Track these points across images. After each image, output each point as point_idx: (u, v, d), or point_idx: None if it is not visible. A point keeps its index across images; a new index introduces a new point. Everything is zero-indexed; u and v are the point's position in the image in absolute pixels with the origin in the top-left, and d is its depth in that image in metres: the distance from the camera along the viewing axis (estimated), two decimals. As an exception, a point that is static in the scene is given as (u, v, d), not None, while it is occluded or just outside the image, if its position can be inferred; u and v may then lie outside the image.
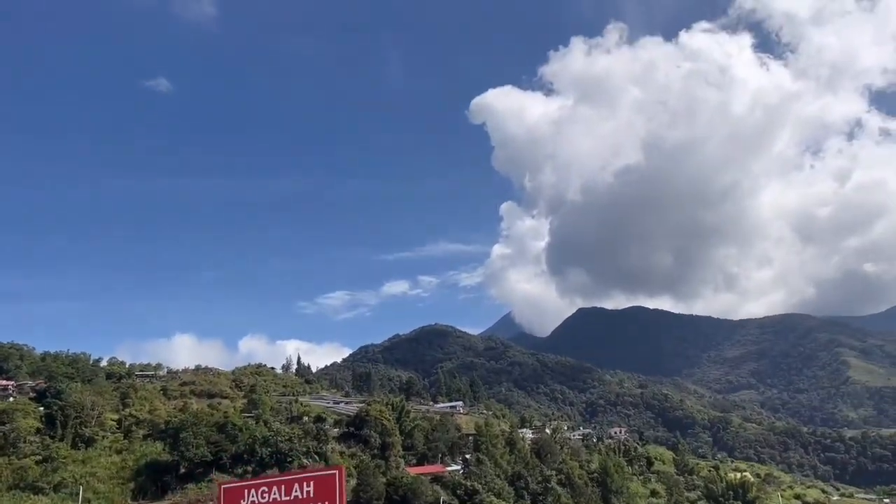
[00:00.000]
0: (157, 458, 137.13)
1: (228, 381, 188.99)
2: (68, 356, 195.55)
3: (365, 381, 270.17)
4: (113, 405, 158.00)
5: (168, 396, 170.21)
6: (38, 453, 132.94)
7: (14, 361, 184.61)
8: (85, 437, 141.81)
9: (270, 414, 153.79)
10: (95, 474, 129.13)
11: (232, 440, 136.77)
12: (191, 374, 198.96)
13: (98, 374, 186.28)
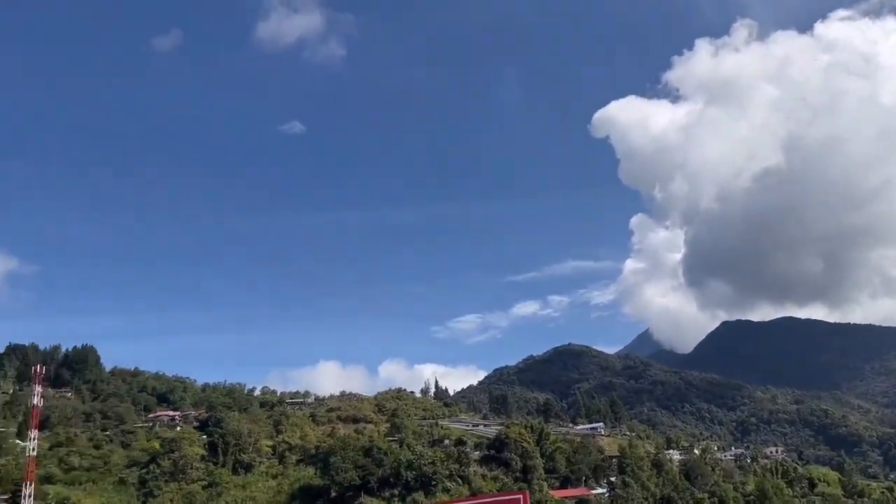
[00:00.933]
0: (309, 483, 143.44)
1: (371, 406, 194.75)
2: (225, 387, 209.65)
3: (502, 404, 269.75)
4: (267, 432, 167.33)
5: (316, 422, 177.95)
6: (204, 479, 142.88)
7: (179, 393, 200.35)
8: (244, 462, 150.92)
9: (413, 437, 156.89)
10: (255, 498, 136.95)
11: (378, 464, 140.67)
12: (336, 399, 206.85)
13: (252, 402, 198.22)
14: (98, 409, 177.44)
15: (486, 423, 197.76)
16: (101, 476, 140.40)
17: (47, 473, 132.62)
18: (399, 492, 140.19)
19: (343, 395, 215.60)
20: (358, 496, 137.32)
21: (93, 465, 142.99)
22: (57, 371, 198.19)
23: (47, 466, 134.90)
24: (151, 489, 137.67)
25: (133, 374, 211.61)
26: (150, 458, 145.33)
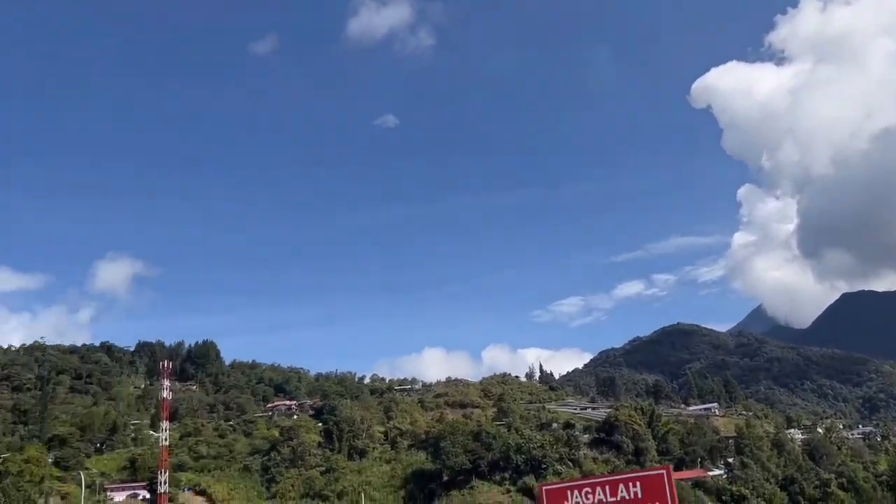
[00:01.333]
0: (421, 467, 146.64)
1: (477, 391, 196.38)
2: (337, 376, 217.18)
3: (609, 386, 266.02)
4: (378, 418, 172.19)
5: (425, 408, 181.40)
6: (322, 465, 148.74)
7: (294, 383, 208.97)
8: (358, 448, 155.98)
9: (520, 421, 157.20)
10: (370, 483, 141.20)
11: (487, 448, 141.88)
12: (443, 385, 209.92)
13: (363, 390, 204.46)
14: (221, 401, 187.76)
15: (594, 405, 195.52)
16: (227, 464, 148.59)
17: (179, 462, 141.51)
18: (510, 475, 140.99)
19: (449, 381, 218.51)
20: (469, 480, 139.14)
21: (219, 454, 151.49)
22: (182, 366, 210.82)
23: (179, 455, 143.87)
24: (273, 475, 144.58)
25: (251, 367, 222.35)
26: (270, 446, 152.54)
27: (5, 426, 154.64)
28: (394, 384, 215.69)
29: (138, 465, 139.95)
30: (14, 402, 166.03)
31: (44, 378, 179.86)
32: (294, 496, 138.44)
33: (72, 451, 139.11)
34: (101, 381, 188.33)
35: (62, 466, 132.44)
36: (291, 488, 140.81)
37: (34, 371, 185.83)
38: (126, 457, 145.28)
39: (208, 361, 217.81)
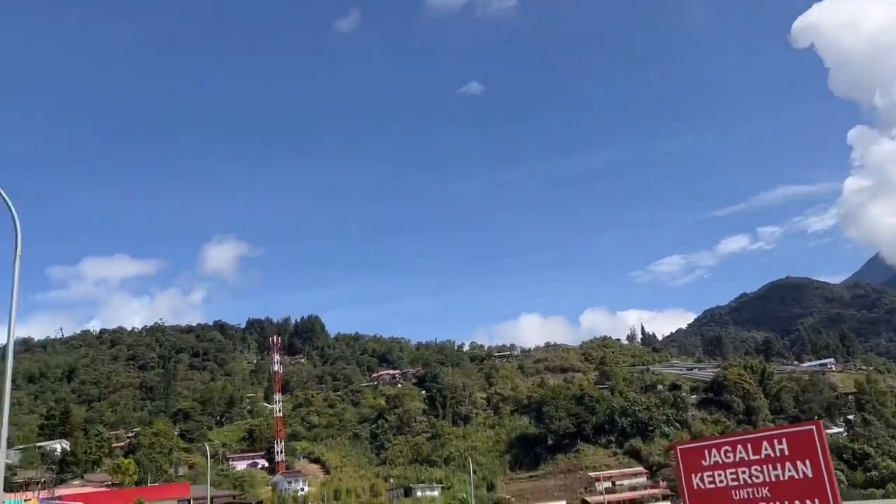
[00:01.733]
0: (525, 432, 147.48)
1: (578, 355, 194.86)
2: (437, 344, 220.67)
3: (716, 345, 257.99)
4: (480, 385, 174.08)
5: (525, 373, 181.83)
6: (427, 431, 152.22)
7: (396, 353, 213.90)
8: (462, 415, 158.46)
9: (624, 384, 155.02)
10: (476, 448, 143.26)
11: (591, 411, 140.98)
12: (542, 351, 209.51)
13: (463, 357, 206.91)
14: (328, 372, 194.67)
15: (701, 366, 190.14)
16: (338, 432, 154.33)
17: (293, 431, 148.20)
18: (615, 438, 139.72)
19: (548, 346, 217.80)
20: (574, 443, 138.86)
21: (330, 423, 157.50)
22: (289, 340, 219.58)
23: (293, 425, 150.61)
24: (382, 442, 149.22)
25: (354, 339, 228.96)
26: (377, 414, 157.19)
27: (134, 402, 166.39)
28: (493, 351, 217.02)
29: (256, 435, 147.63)
30: (141, 380, 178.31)
31: (165, 357, 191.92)
32: (403, 462, 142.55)
33: (195, 423, 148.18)
34: (217, 358, 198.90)
35: (187, 438, 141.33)
36: (400, 454, 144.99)
37: (156, 350, 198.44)
38: (244, 428, 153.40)
39: (314, 335, 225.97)
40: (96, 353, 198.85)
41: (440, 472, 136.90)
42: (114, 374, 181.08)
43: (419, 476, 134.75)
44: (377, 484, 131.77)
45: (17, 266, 14.35)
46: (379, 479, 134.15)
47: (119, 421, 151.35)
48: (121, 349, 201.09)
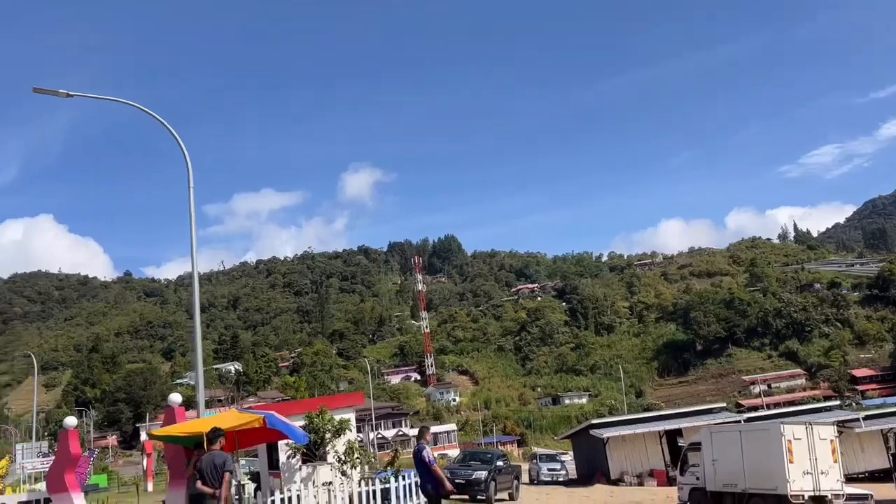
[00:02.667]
0: (672, 338, 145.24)
1: (724, 259, 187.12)
2: (574, 256, 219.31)
3: (879, 238, 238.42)
4: (621, 294, 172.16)
5: (669, 280, 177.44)
6: (570, 342, 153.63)
7: (533, 267, 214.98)
8: (605, 324, 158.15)
9: (777, 285, 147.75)
10: (621, 356, 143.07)
11: (742, 315, 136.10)
12: (685, 256, 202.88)
13: (602, 268, 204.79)
14: (468, 289, 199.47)
15: (863, 261, 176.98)
16: (483, 345, 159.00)
17: (441, 346, 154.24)
18: (770, 340, 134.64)
19: (692, 251, 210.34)
20: (725, 348, 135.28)
21: (474, 337, 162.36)
22: (429, 260, 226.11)
23: (439, 340, 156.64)
24: (526, 353, 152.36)
25: (491, 255, 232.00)
26: (520, 327, 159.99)
27: (293, 325, 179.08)
28: (633, 259, 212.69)
29: (406, 351, 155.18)
30: (297, 305, 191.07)
31: (317, 282, 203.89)
32: (548, 371, 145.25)
33: (349, 342, 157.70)
34: (364, 281, 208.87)
35: (344, 356, 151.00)
36: (545, 364, 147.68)
37: (308, 277, 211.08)
38: (394, 345, 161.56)
39: (452, 254, 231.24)
40: (255, 283, 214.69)
41: (586, 381, 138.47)
42: (272, 301, 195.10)
43: (566, 385, 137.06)
44: (525, 393, 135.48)
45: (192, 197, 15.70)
46: (526, 389, 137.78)
47: (282, 343, 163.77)
48: (276, 278, 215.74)
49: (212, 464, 9.27)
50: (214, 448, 9.63)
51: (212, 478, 9.07)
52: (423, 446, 11.25)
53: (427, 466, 10.91)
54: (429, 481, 10.96)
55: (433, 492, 10.91)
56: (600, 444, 37.01)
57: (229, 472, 9.13)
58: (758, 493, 19.67)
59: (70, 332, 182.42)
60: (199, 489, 9.32)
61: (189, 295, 14.74)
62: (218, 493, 8.96)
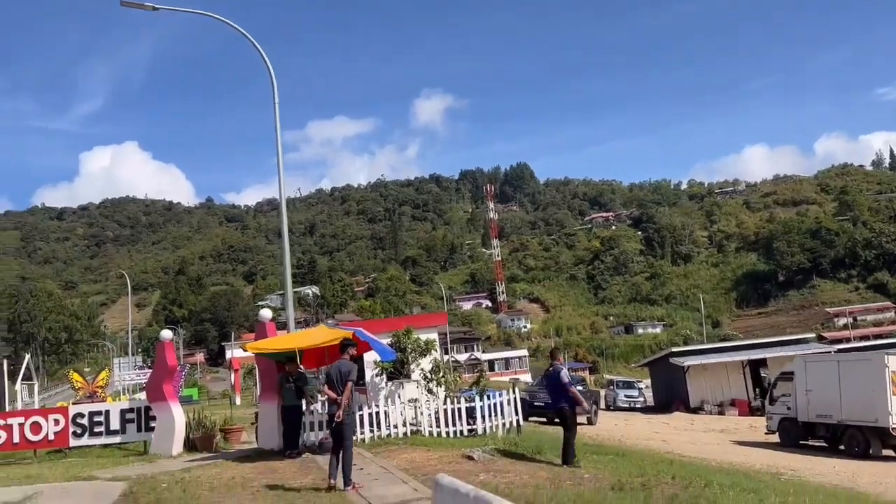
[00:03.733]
0: (753, 269, 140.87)
1: (812, 187, 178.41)
2: (651, 184, 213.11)
3: None
4: (700, 223, 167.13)
5: (751, 209, 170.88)
6: (645, 271, 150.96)
7: (608, 196, 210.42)
8: (682, 254, 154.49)
9: (869, 214, 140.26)
10: (698, 286, 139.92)
11: (828, 245, 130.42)
12: (770, 184, 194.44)
13: (680, 196, 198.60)
14: (540, 218, 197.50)
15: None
16: (555, 274, 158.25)
17: (511, 274, 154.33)
18: (858, 272, 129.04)
19: (777, 179, 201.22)
20: (809, 279, 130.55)
21: (546, 265, 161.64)
22: (500, 188, 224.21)
23: (510, 268, 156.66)
24: (599, 283, 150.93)
25: (564, 184, 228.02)
26: (593, 256, 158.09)
27: (367, 252, 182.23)
28: (713, 188, 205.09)
29: (477, 278, 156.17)
30: (371, 232, 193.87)
31: (390, 210, 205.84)
32: (621, 301, 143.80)
33: (422, 269, 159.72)
34: (436, 209, 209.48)
35: (417, 282, 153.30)
36: (618, 294, 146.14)
37: (381, 204, 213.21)
38: (465, 272, 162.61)
39: (524, 182, 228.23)
40: (330, 210, 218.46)
41: (661, 311, 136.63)
42: (347, 228, 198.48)
43: (639, 314, 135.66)
44: (597, 322, 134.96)
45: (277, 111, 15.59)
46: (598, 318, 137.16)
47: (357, 269, 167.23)
48: (350, 205, 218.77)
49: (339, 371, 9.81)
50: (344, 357, 10.13)
51: (338, 383, 9.69)
52: (561, 367, 11.61)
53: (565, 386, 11.23)
54: (565, 400, 11.30)
55: (569, 410, 11.31)
56: (680, 372, 36.49)
57: (352, 381, 9.77)
58: (854, 425, 18.93)
59: (157, 256, 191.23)
60: (325, 392, 10.04)
61: (277, 216, 14.70)
62: (340, 399, 9.56)
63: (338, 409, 9.48)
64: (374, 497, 8.82)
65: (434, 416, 15.20)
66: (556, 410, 11.60)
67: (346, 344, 10.59)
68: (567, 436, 11.14)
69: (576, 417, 11.76)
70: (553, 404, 11.74)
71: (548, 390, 12.46)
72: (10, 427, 15.63)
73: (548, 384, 12.14)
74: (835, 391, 19.35)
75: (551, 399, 11.90)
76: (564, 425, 11.34)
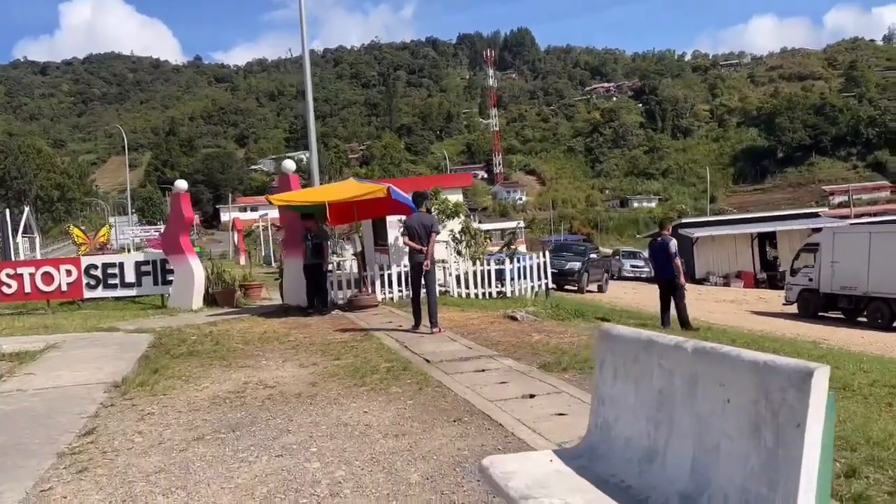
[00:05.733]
0: (753, 144, 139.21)
1: (820, 61, 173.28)
2: (655, 54, 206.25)
3: None
4: (702, 97, 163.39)
5: (755, 83, 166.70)
6: (644, 145, 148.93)
7: (610, 65, 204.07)
8: (682, 128, 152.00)
9: (875, 91, 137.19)
10: (696, 161, 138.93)
11: (832, 122, 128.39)
12: (776, 58, 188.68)
13: (684, 68, 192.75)
14: (539, 87, 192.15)
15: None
16: (552, 146, 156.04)
17: (509, 145, 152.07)
18: (858, 150, 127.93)
19: (784, 52, 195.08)
20: (808, 156, 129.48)
21: (544, 137, 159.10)
22: (500, 55, 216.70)
23: (508, 139, 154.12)
24: (597, 156, 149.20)
25: (565, 51, 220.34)
26: (592, 128, 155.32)
27: (361, 118, 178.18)
28: (718, 60, 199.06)
29: (474, 149, 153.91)
30: (365, 97, 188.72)
31: (384, 74, 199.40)
32: (618, 174, 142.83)
33: (417, 137, 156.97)
34: (432, 74, 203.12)
35: (412, 151, 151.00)
36: (615, 167, 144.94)
37: (375, 68, 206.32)
38: (462, 142, 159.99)
39: (524, 48, 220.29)
40: (323, 72, 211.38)
41: (657, 185, 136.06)
42: (340, 92, 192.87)
43: (635, 188, 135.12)
44: (592, 195, 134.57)
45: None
46: (594, 191, 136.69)
47: (351, 135, 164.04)
48: (343, 68, 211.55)
49: (420, 224, 10.11)
50: (422, 210, 10.47)
51: (420, 236, 10.00)
52: (669, 238, 11.98)
53: (671, 257, 11.67)
54: (669, 271, 11.74)
55: (675, 281, 11.74)
56: (688, 243, 36.23)
57: (436, 232, 10.17)
58: (880, 297, 18.70)
59: (147, 115, 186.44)
60: (408, 244, 10.28)
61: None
62: (426, 251, 9.97)
63: (424, 259, 9.93)
64: (428, 353, 8.33)
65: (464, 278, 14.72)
66: (665, 280, 11.93)
67: (423, 197, 10.76)
68: (679, 305, 11.66)
69: (676, 288, 12.00)
70: (663, 273, 12.04)
71: (653, 260, 12.80)
72: (20, 276, 15.09)
73: (654, 254, 12.46)
74: (863, 263, 18.98)
75: (658, 268, 12.25)
76: (672, 293, 11.76)
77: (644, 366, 3.04)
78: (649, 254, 14.23)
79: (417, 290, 10.26)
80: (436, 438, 5.10)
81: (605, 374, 3.37)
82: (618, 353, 3.30)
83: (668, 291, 11.90)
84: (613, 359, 3.33)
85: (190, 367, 8.26)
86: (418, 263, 10.06)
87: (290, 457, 4.84)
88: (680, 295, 11.75)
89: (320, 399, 6.48)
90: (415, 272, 10.29)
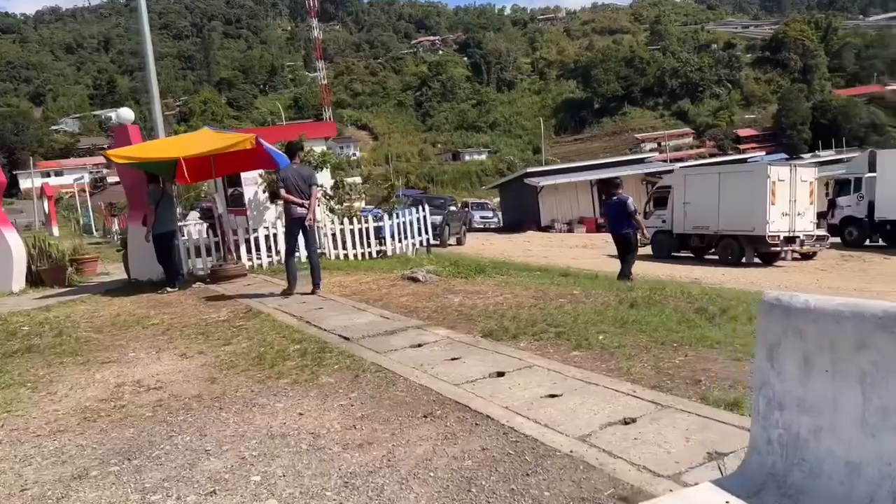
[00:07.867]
0: (571, 96, 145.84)
1: (628, 15, 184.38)
2: (476, 8, 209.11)
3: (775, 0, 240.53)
4: (523, 50, 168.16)
5: (571, 37, 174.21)
6: (472, 98, 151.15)
7: (434, 18, 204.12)
8: (506, 80, 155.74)
9: (677, 45, 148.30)
10: (521, 113, 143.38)
11: (640, 73, 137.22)
12: (589, 12, 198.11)
13: (505, 21, 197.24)
14: (364, 40, 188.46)
15: (758, 23, 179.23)
16: (382, 100, 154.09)
17: (338, 100, 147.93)
18: (664, 100, 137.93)
19: (595, 7, 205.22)
20: (621, 106, 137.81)
21: (373, 91, 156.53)
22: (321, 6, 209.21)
23: (337, 94, 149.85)
24: (427, 109, 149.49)
25: (388, 3, 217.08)
26: (420, 82, 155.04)
27: (175, 72, 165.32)
28: (536, 14, 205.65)
29: (302, 103, 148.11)
30: (177, 50, 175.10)
31: (198, 25, 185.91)
32: (449, 128, 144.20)
33: (240, 92, 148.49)
34: (251, 25, 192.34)
35: (235, 106, 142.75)
36: (445, 121, 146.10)
37: (188, 18, 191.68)
38: (288, 97, 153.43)
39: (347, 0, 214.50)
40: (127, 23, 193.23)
41: (486, 138, 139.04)
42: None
43: (466, 141, 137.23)
44: (425, 149, 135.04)
45: None
46: (426, 145, 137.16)
47: (164, 90, 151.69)
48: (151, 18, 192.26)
49: (299, 175, 9.43)
50: (295, 162, 9.72)
51: (299, 191, 9.26)
52: (626, 196, 12.11)
53: (632, 214, 11.80)
54: (629, 227, 11.82)
55: (633, 235, 11.93)
56: (533, 192, 36.88)
57: (318, 185, 9.59)
58: (730, 235, 19.65)
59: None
60: (287, 198, 9.39)
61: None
62: (308, 205, 9.25)
63: (308, 213, 9.33)
64: (340, 328, 7.07)
65: (341, 237, 13.37)
66: (622, 236, 12.00)
67: (297, 147, 9.90)
68: (628, 258, 11.85)
69: (637, 246, 12.41)
70: (618, 230, 12.06)
71: (609, 218, 12.89)
72: None
73: (610, 212, 12.67)
74: (714, 203, 19.82)
75: (614, 226, 12.25)
76: (628, 249, 11.93)
77: (887, 356, 2.19)
78: (605, 212, 14.63)
79: (292, 249, 9.69)
80: (414, 444, 3.97)
81: (784, 365, 2.45)
82: (812, 335, 2.41)
83: (625, 247, 12.05)
84: (802, 344, 2.41)
85: (32, 369, 6.50)
86: (300, 218, 9.35)
87: (228, 494, 3.52)
88: (633, 250, 12.02)
89: (230, 401, 5.12)
90: (295, 229, 9.53)
